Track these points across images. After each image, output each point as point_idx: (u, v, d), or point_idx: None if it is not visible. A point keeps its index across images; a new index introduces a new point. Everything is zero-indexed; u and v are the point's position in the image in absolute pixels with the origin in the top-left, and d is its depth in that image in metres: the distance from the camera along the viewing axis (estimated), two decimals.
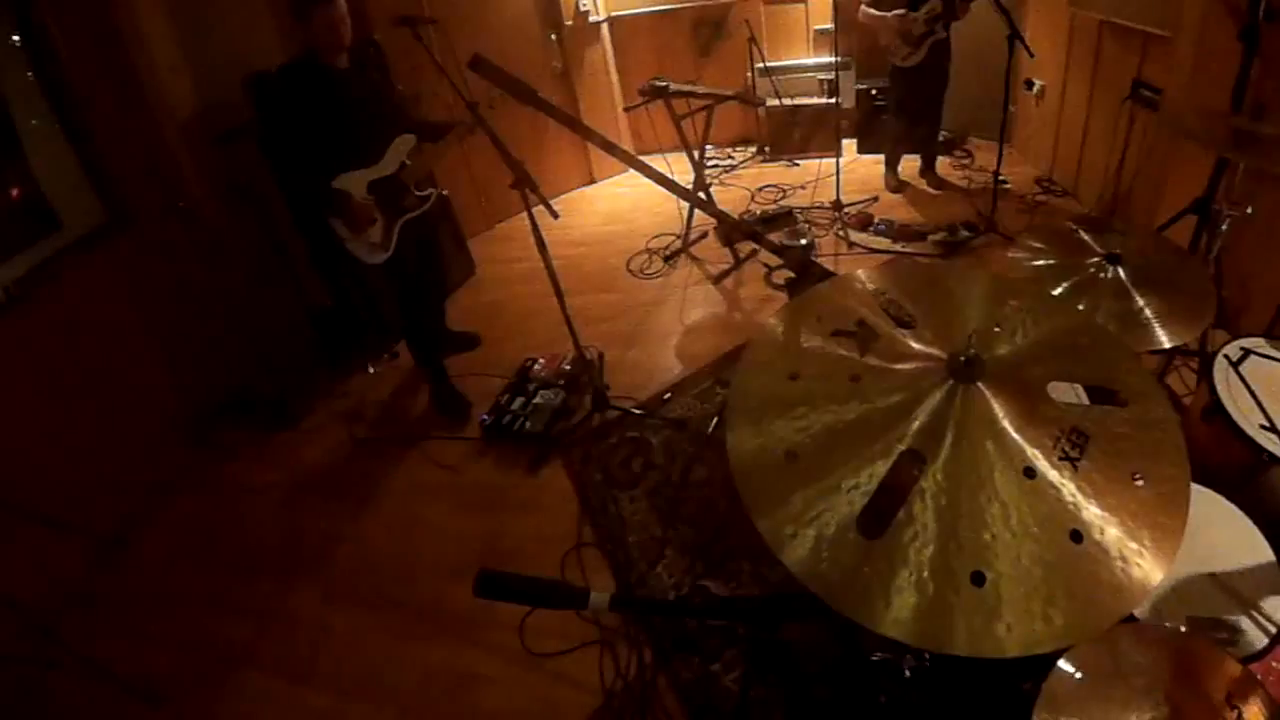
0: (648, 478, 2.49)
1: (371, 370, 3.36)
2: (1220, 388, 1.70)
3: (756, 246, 3.62)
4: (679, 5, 4.79)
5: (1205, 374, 1.77)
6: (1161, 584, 1.25)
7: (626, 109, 4.32)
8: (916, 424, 0.95)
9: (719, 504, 2.29)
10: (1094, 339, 1.07)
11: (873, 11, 3.78)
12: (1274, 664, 1.25)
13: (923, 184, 4.35)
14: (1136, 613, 1.24)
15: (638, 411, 2.79)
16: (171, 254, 2.96)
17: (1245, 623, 1.24)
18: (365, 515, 2.60)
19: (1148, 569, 0.80)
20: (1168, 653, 1.05)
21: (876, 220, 3.93)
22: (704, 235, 4.01)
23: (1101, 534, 0.82)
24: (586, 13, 4.48)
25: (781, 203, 4.34)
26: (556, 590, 1.02)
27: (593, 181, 5.01)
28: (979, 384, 0.95)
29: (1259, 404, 1.66)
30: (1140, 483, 0.87)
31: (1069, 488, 0.85)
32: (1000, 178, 3.68)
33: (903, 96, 4.03)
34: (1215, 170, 2.60)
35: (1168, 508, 0.85)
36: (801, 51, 4.95)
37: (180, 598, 2.41)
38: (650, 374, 3.07)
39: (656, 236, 4.12)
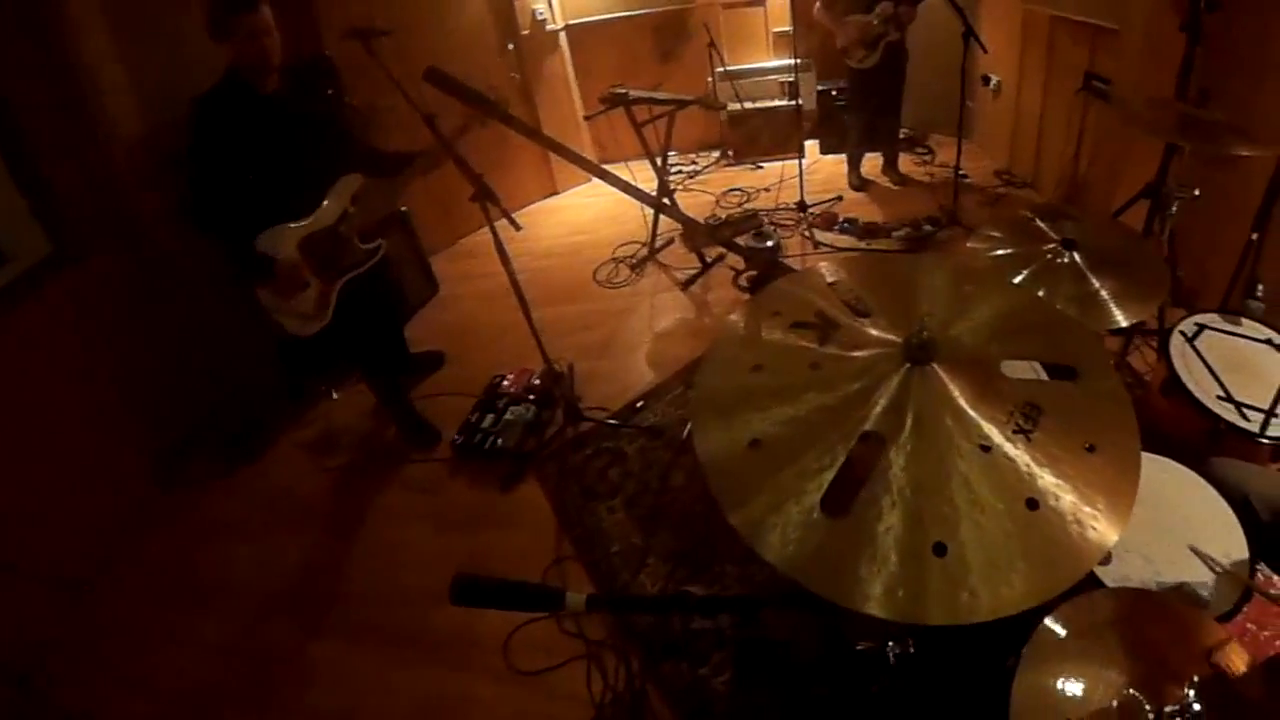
0: (625, 487, 2.52)
1: (335, 396, 3.34)
2: (1177, 363, 1.81)
3: (723, 250, 3.69)
4: (637, 11, 4.87)
5: (1163, 350, 1.87)
6: (1132, 553, 1.36)
7: (587, 117, 4.37)
8: (878, 408, 1.00)
9: (699, 508, 2.33)
10: (1043, 318, 1.14)
11: (828, 15, 3.94)
12: (1248, 625, 1.32)
13: (885, 181, 4.52)
14: (1108, 581, 1.31)
15: (611, 422, 2.82)
16: (125, 284, 2.90)
17: (1214, 585, 1.32)
18: (340, 544, 2.59)
19: (1103, 530, 0.86)
20: (1145, 614, 1.12)
21: (841, 219, 4.05)
22: (670, 242, 4.08)
23: (1056, 501, 0.88)
24: (544, 21, 4.52)
25: (746, 206, 4.45)
26: (532, 592, 1.05)
27: (556, 193, 5.05)
28: (934, 365, 1.01)
29: (1215, 376, 1.77)
30: (1093, 452, 0.93)
31: (1024, 459, 0.91)
32: (961, 172, 3.82)
33: (862, 97, 4.19)
34: (1165, 156, 2.73)
35: (1120, 473, 0.92)
36: (761, 54, 5.08)
37: (155, 640, 2.37)
38: (622, 383, 3.11)
39: (623, 245, 4.18)
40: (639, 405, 2.91)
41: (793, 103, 4.48)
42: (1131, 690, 1.01)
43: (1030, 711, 1.00)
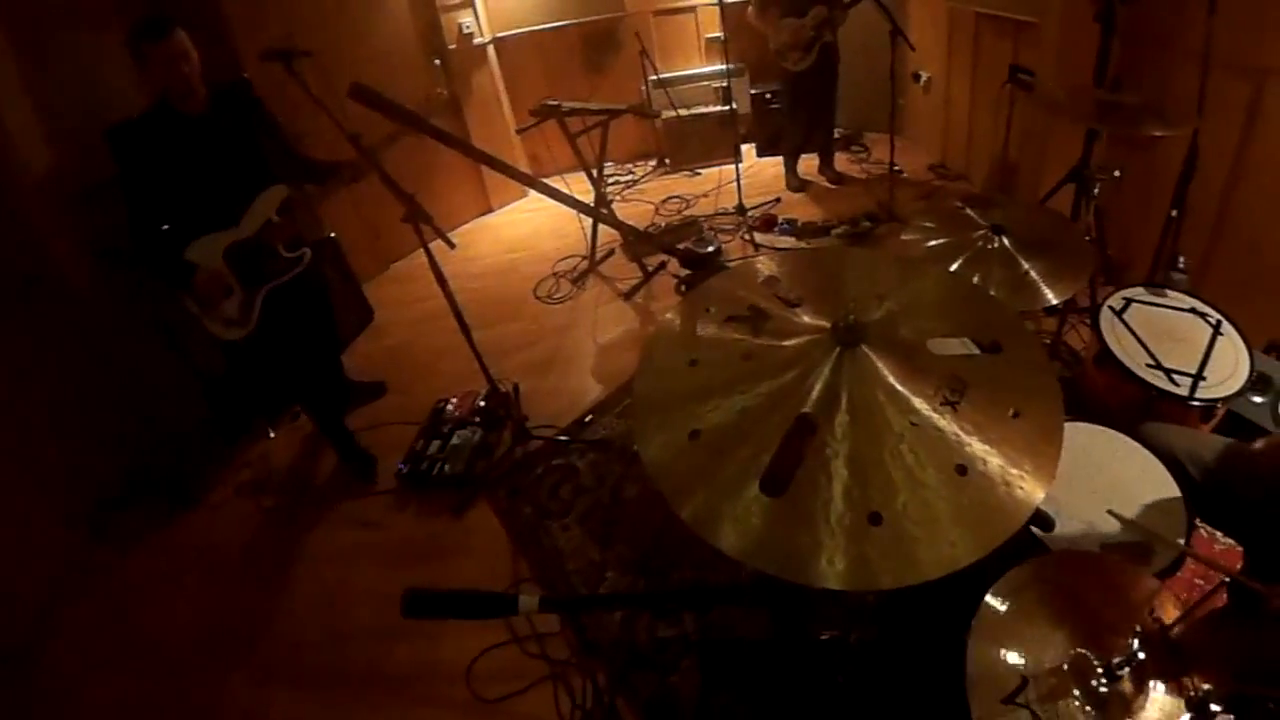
0: (578, 503, 2.55)
1: (272, 435, 3.27)
2: (1108, 335, 1.94)
3: (664, 259, 3.77)
4: (567, 21, 4.96)
5: (1094, 325, 2.00)
6: (1075, 519, 1.45)
7: (519, 131, 4.40)
8: (815, 392, 1.06)
9: (654, 516, 2.36)
10: (965, 297, 1.22)
11: (761, 19, 4.10)
12: (1196, 581, 1.42)
13: (823, 181, 4.72)
14: (1052, 548, 1.39)
15: (561, 438, 2.84)
16: (42, 330, 2.80)
17: (1154, 544, 1.41)
18: (287, 588, 2.54)
19: (1030, 489, 0.94)
20: (1086, 574, 1.20)
21: (780, 220, 4.20)
22: (610, 253, 4.15)
23: (985, 465, 0.95)
24: (470, 35, 4.55)
25: (686, 213, 4.57)
26: (485, 599, 1.06)
27: (490, 210, 5.08)
28: (863, 347, 1.08)
29: (1144, 346, 1.90)
30: (1017, 418, 1.00)
31: (952, 429, 0.98)
32: (896, 168, 4.00)
33: (797, 99, 4.36)
34: (1086, 141, 2.92)
35: (1044, 435, 0.99)
36: (694, 61, 5.23)
37: (99, 709, 2.27)
38: (570, 399, 3.14)
39: (563, 260, 4.23)
40: (587, 419, 2.94)
41: (727, 107, 4.62)
42: (1080, 648, 1.09)
43: (985, 679, 1.07)
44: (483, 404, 3.02)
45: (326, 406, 2.94)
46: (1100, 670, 1.05)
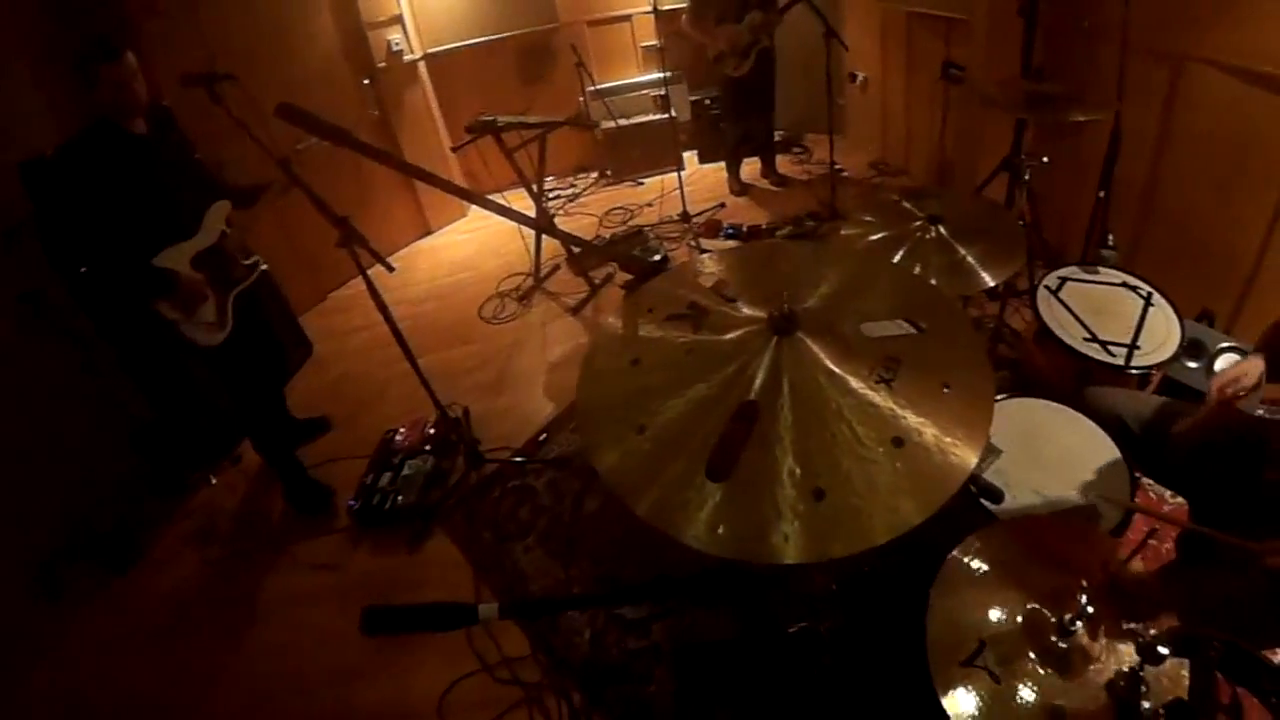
0: (538, 523, 2.58)
1: (214, 481, 3.22)
2: (1045, 314, 2.10)
3: (611, 271, 3.85)
4: (499, 34, 5.02)
5: (1033, 305, 2.15)
6: (1024, 489, 1.56)
7: (454, 149, 4.43)
8: (758, 380, 1.14)
9: (616, 529, 2.41)
10: (895, 280, 1.32)
11: (695, 27, 4.23)
12: (1151, 541, 1.53)
13: (765, 184, 4.90)
14: (1002, 518, 1.50)
15: (516, 459, 2.88)
16: None
17: (1102, 506, 1.54)
18: (244, 639, 2.50)
19: (964, 454, 1.03)
20: (1037, 538, 1.30)
21: (725, 225, 4.35)
22: (556, 269, 4.22)
23: (920, 436, 1.04)
24: (400, 52, 4.57)
25: (631, 223, 4.67)
26: (445, 610, 1.09)
27: (429, 232, 5.09)
28: (799, 334, 1.17)
29: (1080, 321, 2.05)
30: (948, 390, 1.10)
31: (887, 404, 1.07)
32: (837, 167, 4.17)
33: (736, 104, 4.51)
34: (1017, 130, 3.12)
35: (974, 404, 1.09)
36: (632, 70, 5.36)
37: None
38: (522, 419, 3.17)
39: (507, 278, 4.27)
40: (542, 438, 2.98)
41: (667, 115, 4.75)
42: (1034, 605, 1.18)
43: (944, 646, 1.15)
44: (432, 431, 3.03)
45: (278, 437, 2.94)
46: (1055, 623, 1.14)
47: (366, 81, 4.43)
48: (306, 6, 4.10)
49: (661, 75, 4.59)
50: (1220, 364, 2.13)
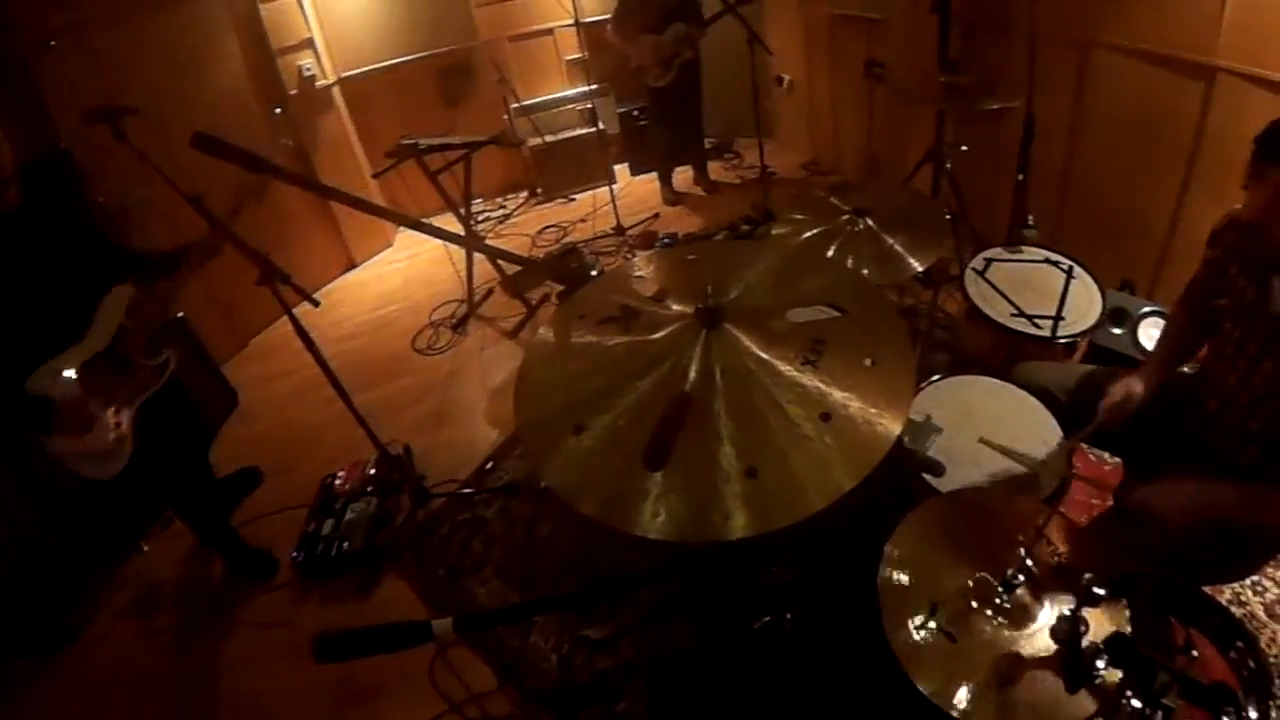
0: (493, 554, 2.62)
1: (145, 548, 3.15)
2: (973, 294, 2.28)
3: (549, 290, 3.93)
4: (417, 55, 5.06)
5: (962, 287, 2.32)
6: (963, 462, 1.68)
7: (375, 175, 4.41)
8: (692, 372, 1.25)
9: (573, 549, 2.48)
10: (815, 269, 1.44)
11: (620, 37, 4.40)
12: (1093, 502, 1.67)
13: (698, 191, 5.11)
14: (944, 488, 1.63)
15: (465, 491, 2.91)
16: None
17: (1039, 474, 1.67)
18: (194, 711, 2.46)
19: (889, 423, 1.16)
20: (977, 507, 1.44)
21: (661, 235, 4.51)
22: (489, 293, 4.28)
23: (846, 409, 1.16)
24: (312, 77, 4.54)
25: (564, 241, 4.78)
26: (398, 631, 1.15)
27: (354, 265, 5.08)
28: (726, 326, 1.28)
29: (1006, 298, 2.22)
30: (870, 364, 1.21)
31: (814, 383, 1.19)
32: (769, 169, 4.36)
33: (663, 114, 4.71)
34: (938, 122, 3.34)
35: (897, 376, 1.21)
36: (556, 84, 5.48)
37: None
38: (467, 450, 3.21)
39: (439, 307, 4.31)
40: (489, 467, 3.03)
41: (595, 129, 4.89)
42: (979, 572, 1.29)
43: (898, 613, 1.25)
44: (373, 472, 3.04)
45: (204, 510, 2.85)
46: (999, 585, 1.26)
47: (278, 111, 4.37)
48: (210, 34, 4.06)
49: (587, 89, 4.73)
50: (1142, 332, 2.34)
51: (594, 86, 4.56)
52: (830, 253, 2.22)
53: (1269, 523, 1.45)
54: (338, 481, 3.07)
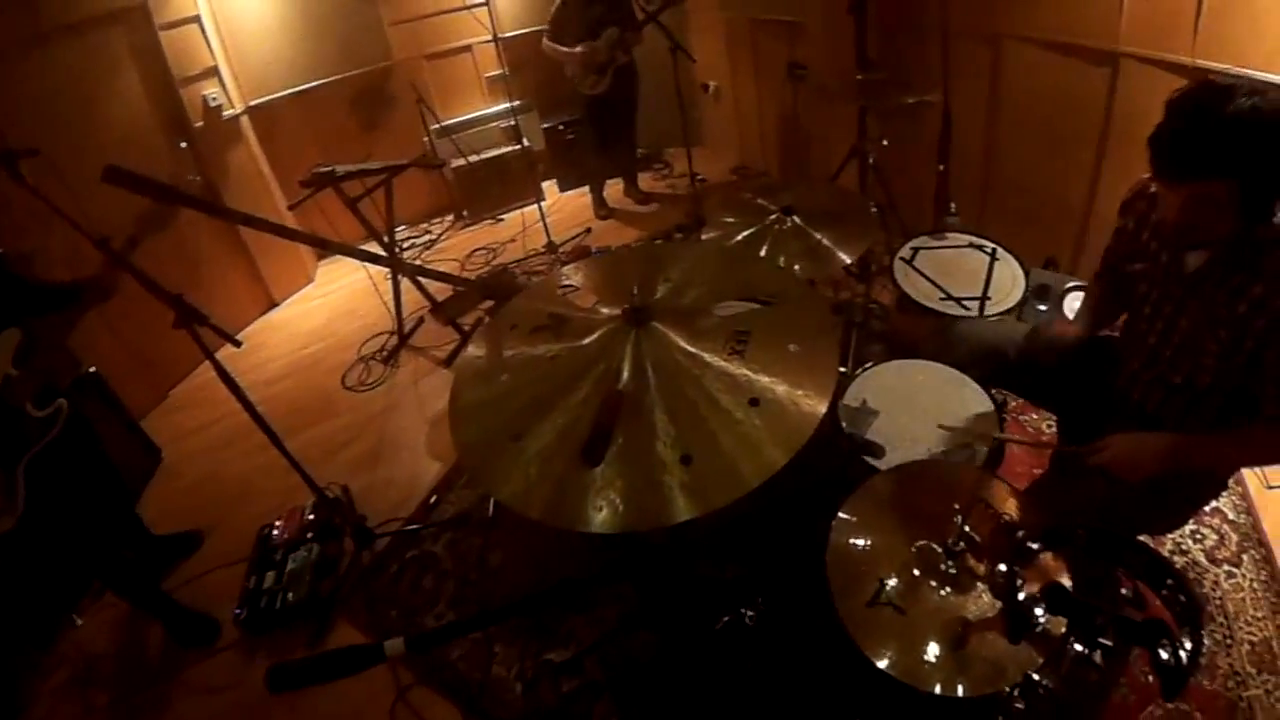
0: (445, 589, 2.68)
1: (79, 621, 3.08)
2: (902, 282, 2.45)
3: (482, 314, 4.00)
4: (329, 79, 5.06)
5: (891, 277, 2.49)
6: (904, 441, 1.82)
7: (291, 207, 4.40)
8: (625, 371, 1.35)
9: (527, 574, 2.56)
10: (735, 264, 1.58)
11: (556, 46, 4.54)
12: (1035, 471, 1.82)
13: (630, 203, 5.26)
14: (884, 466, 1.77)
15: (411, 527, 2.95)
16: None
17: (976, 445, 1.83)
18: None
19: (815, 402, 1.29)
20: (916, 481, 1.56)
21: (594, 250, 4.65)
22: (420, 322, 4.33)
23: (774, 393, 1.28)
24: (219, 107, 4.49)
25: (495, 263, 4.87)
26: (349, 654, 1.20)
27: (274, 305, 5.03)
28: (654, 323, 1.40)
29: (934, 283, 2.40)
30: (794, 349, 1.34)
31: (741, 371, 1.31)
32: (699, 177, 4.53)
33: (597, 123, 4.84)
34: (860, 118, 3.55)
35: (820, 358, 1.34)
36: (477, 102, 5.57)
37: None
38: (409, 485, 3.26)
39: (368, 341, 4.34)
40: (433, 500, 3.09)
41: (519, 146, 4.99)
42: (921, 539, 1.42)
43: (848, 593, 1.37)
44: (312, 517, 3.04)
45: (133, 576, 2.81)
46: (942, 551, 1.39)
47: (183, 144, 4.29)
48: (107, 67, 3.99)
49: (510, 105, 4.83)
50: (1067, 306, 2.54)
51: (516, 103, 4.66)
52: (762, 252, 2.37)
53: (1222, 472, 1.67)
54: (275, 531, 3.07)
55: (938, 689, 1.21)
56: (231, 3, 4.54)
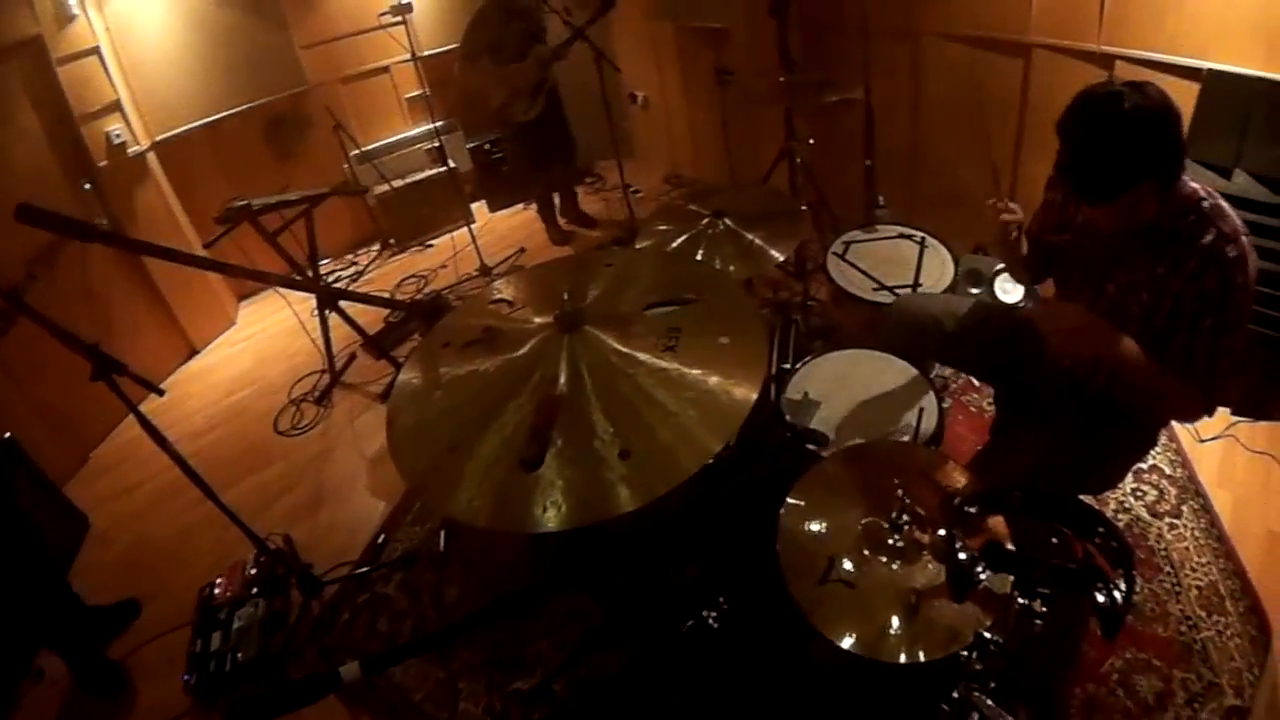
0: (402, 630, 2.73)
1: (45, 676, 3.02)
2: (837, 276, 2.61)
3: (415, 344, 4.04)
4: (239, 108, 5.00)
5: (822, 269, 2.65)
6: (849, 429, 1.96)
7: (207, 245, 4.35)
8: (562, 376, 1.46)
9: (484, 603, 2.59)
10: (660, 265, 1.70)
11: (477, 70, 4.46)
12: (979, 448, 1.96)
13: (565, 222, 5.26)
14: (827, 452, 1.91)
15: (360, 571, 2.98)
16: None
17: (918, 423, 1.99)
18: None
19: (747, 388, 1.42)
20: (860, 462, 1.69)
21: (529, 269, 4.64)
22: (352, 358, 4.34)
23: (707, 384, 1.40)
24: (123, 144, 4.40)
25: (428, 290, 4.91)
26: (307, 684, 1.27)
27: (195, 352, 4.95)
28: (586, 328, 1.52)
29: (867, 275, 2.56)
30: (725, 341, 1.46)
31: (675, 367, 1.43)
32: (633, 188, 4.67)
33: (533, 148, 4.81)
34: (786, 120, 3.73)
35: (750, 348, 1.47)
36: (398, 125, 5.60)
37: None
38: (353, 527, 3.29)
39: (298, 382, 4.32)
40: (381, 540, 3.13)
41: (445, 168, 5.05)
42: (867, 516, 1.54)
43: (800, 573, 1.48)
44: (254, 571, 3.04)
45: (69, 629, 2.81)
46: (887, 526, 1.51)
47: (87, 186, 4.19)
48: (1, 106, 3.88)
49: (432, 126, 4.86)
50: (997, 287, 2.73)
51: (440, 123, 4.69)
52: (699, 255, 2.50)
53: (1122, 387, 1.81)
54: (217, 590, 3.04)
55: (902, 658, 1.33)
56: (133, 32, 4.47)
